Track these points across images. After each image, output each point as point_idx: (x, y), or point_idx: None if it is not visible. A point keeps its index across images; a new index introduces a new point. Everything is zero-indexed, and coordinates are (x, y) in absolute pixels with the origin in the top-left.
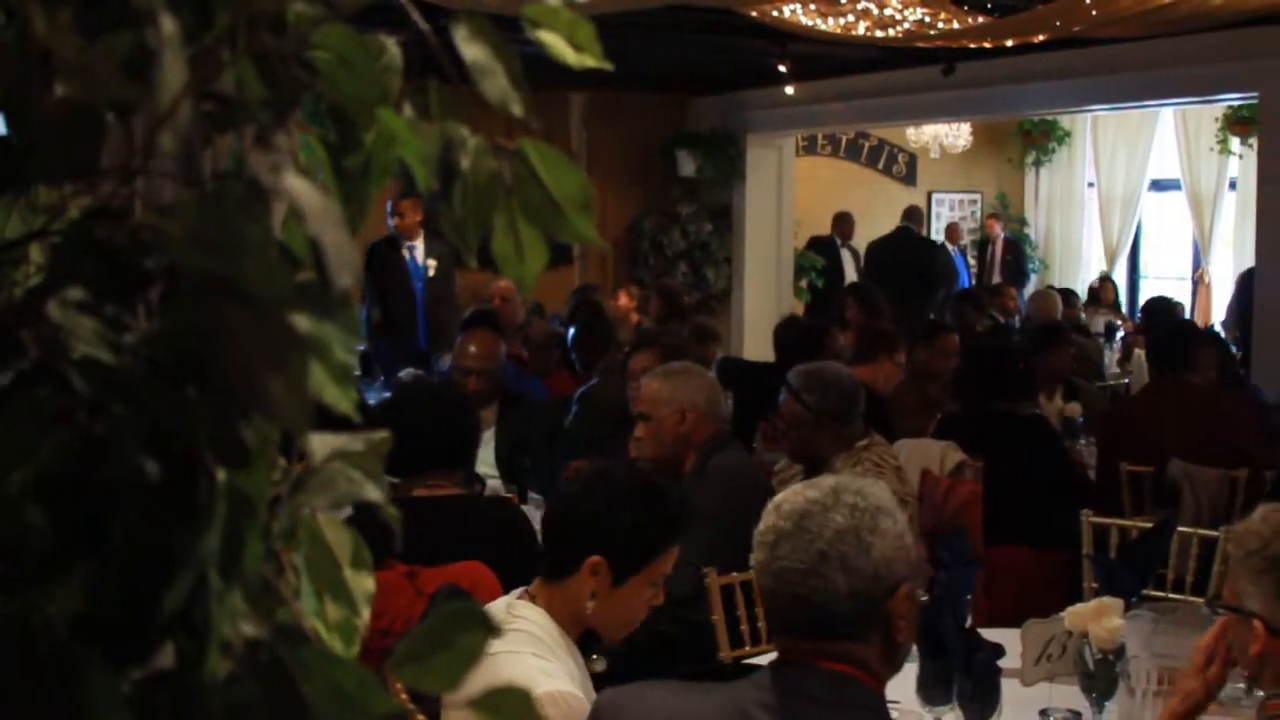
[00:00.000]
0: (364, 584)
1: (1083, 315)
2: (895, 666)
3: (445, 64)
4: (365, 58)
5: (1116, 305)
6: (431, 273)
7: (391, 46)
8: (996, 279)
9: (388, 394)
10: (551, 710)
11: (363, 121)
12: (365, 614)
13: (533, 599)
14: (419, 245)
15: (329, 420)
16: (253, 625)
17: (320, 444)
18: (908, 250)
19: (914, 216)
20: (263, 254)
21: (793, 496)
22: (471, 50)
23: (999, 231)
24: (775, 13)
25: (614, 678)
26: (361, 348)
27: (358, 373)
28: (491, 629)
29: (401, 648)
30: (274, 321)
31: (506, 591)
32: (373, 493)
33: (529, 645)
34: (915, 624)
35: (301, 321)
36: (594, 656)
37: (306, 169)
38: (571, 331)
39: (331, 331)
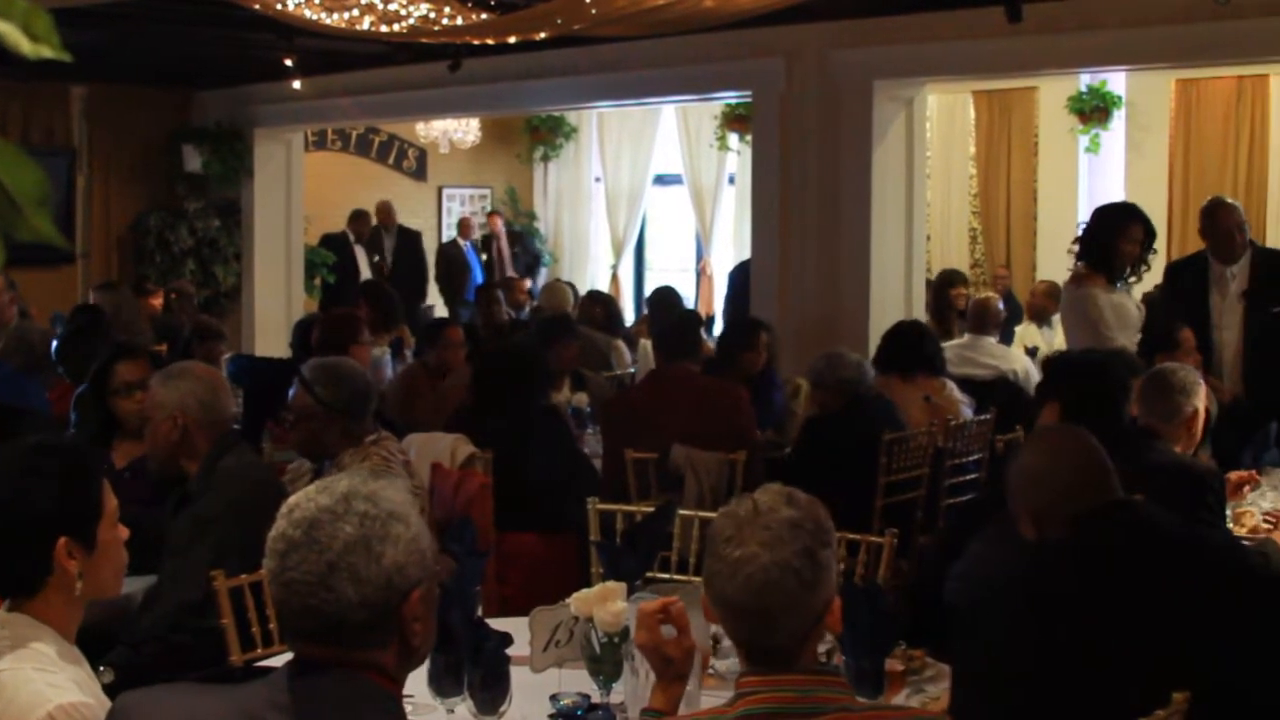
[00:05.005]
0: None
1: None
2: (414, 665)
3: None
4: None
5: None
6: None
7: None
8: (510, 273)
9: None
10: None
11: None
12: None
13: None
14: None
15: None
16: None
17: None
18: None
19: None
20: None
21: (305, 501)
22: None
23: (501, 227)
24: (279, 6)
25: (124, 688)
26: None
27: None
28: None
29: None
30: None
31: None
32: None
33: (30, 660)
34: (432, 624)
35: None
36: (101, 669)
37: None
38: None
39: None
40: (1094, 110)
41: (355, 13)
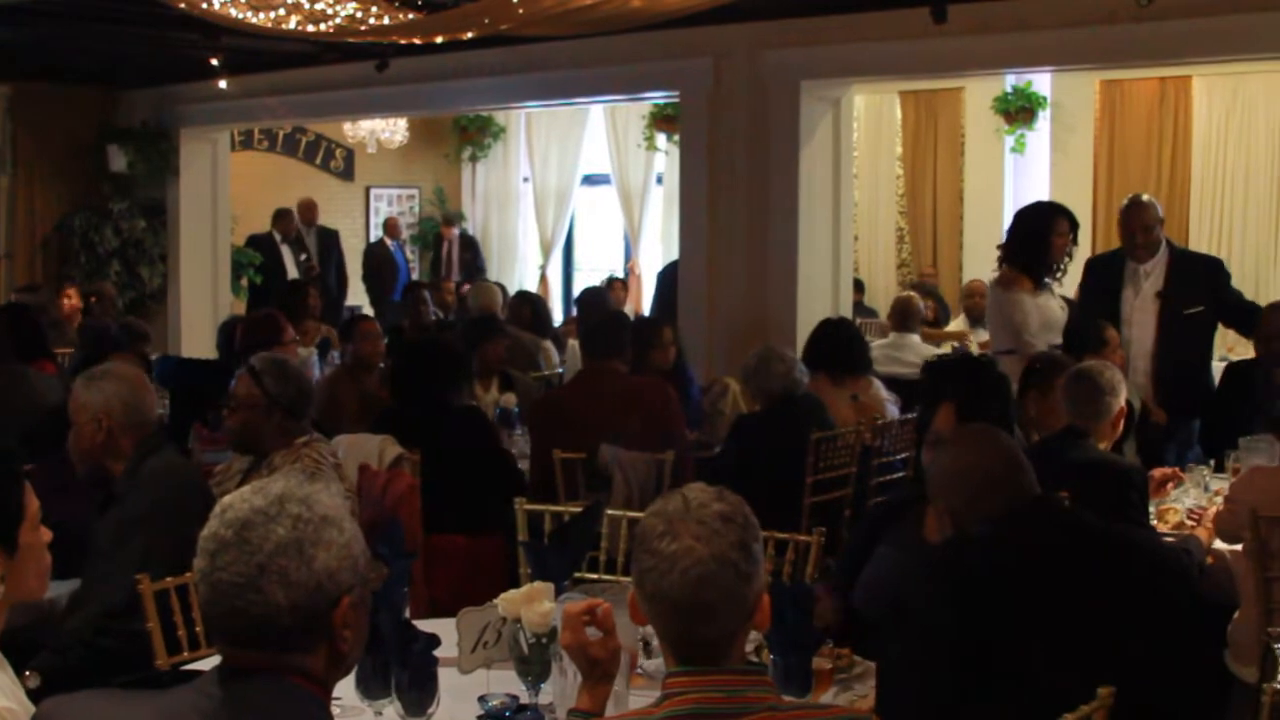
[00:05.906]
0: None
1: None
2: (344, 672)
3: None
4: None
5: None
6: None
7: None
8: (457, 276)
9: None
10: None
11: None
12: None
13: None
14: None
15: None
16: None
17: None
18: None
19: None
20: None
21: (239, 502)
22: None
23: (455, 235)
24: (205, 4)
25: (50, 694)
26: None
27: None
28: None
29: None
30: None
31: None
32: None
33: None
34: (363, 631)
35: None
36: (27, 673)
37: None
38: None
39: None
40: (1019, 111)
41: (281, 12)
